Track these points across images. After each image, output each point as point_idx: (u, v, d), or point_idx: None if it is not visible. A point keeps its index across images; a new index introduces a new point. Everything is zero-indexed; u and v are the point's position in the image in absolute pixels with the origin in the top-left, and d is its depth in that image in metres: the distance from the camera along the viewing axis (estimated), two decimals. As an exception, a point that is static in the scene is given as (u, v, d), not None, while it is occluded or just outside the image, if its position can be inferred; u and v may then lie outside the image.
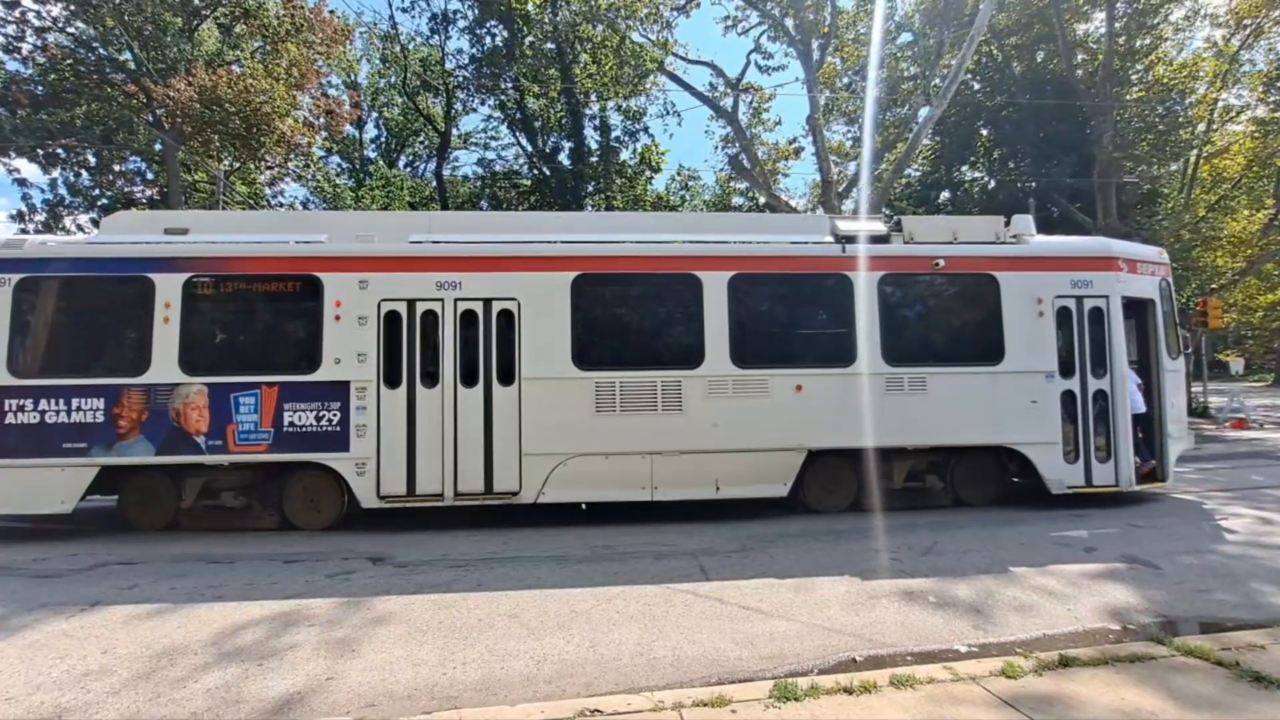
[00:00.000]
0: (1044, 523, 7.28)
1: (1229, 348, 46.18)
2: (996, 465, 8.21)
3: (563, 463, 7.42)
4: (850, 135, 29.88)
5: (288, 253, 7.56)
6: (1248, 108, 26.91)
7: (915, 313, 8.23)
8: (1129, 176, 22.55)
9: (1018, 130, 24.99)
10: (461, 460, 7.34)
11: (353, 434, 7.23)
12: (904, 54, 28.15)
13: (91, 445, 7.04)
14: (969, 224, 8.59)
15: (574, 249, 7.81)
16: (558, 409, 7.45)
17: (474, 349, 7.49)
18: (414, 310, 7.48)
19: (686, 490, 7.60)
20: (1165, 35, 23.84)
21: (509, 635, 4.30)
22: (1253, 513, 7.58)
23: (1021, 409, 7.90)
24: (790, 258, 7.98)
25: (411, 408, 7.35)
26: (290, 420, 7.18)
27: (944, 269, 8.04)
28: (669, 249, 7.92)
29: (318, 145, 35.37)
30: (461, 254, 7.66)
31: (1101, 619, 4.54)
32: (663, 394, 7.53)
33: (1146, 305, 8.46)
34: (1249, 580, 5.21)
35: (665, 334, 8.00)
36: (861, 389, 7.72)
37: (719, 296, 7.70)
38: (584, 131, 20.80)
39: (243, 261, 7.48)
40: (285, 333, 7.72)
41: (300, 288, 7.48)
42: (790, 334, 7.99)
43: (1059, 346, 8.05)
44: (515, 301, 7.55)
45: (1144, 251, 8.94)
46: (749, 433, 7.59)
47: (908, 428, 7.78)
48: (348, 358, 7.30)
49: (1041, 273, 8.16)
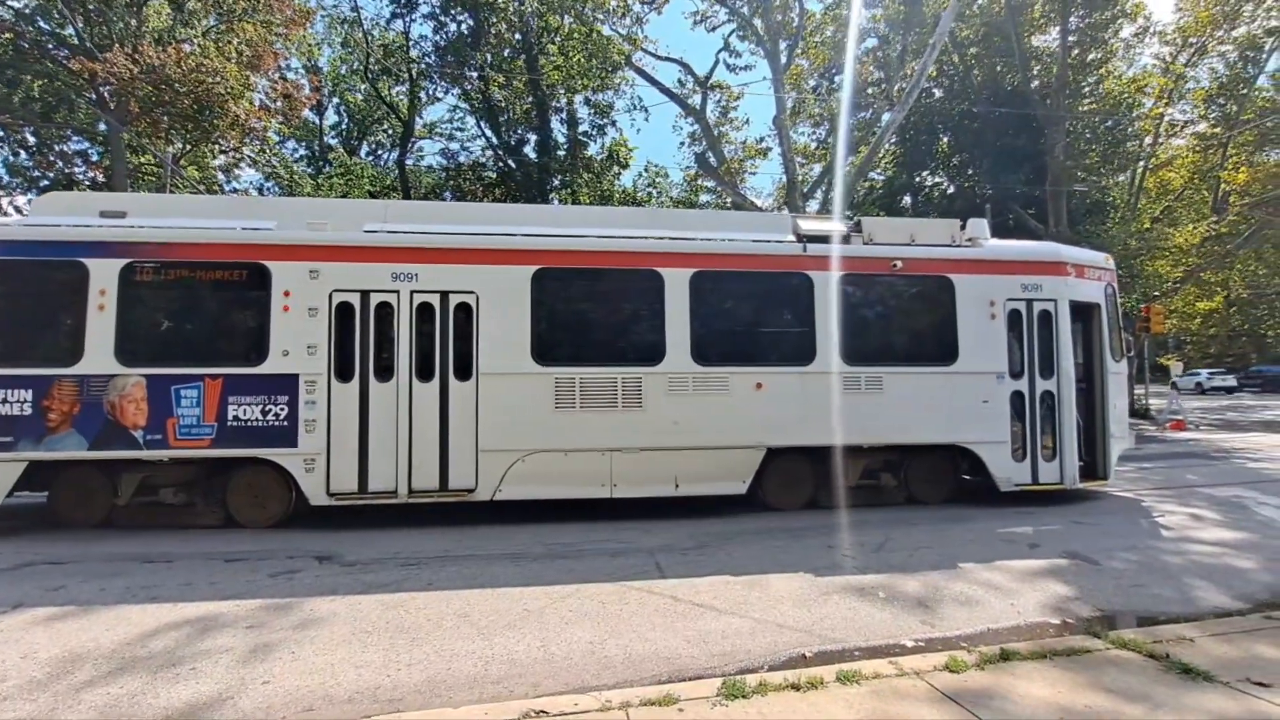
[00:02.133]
0: (992, 520, 7.47)
1: (1169, 352, 48.33)
2: (948, 464, 8.40)
3: (521, 459, 7.33)
4: (815, 137, 30.26)
5: (234, 239, 7.23)
6: (1191, 123, 28.22)
7: (873, 313, 8.33)
8: (1079, 186, 23.35)
9: (977, 138, 25.67)
10: (416, 457, 7.19)
11: (301, 429, 7.01)
12: (869, 59, 28.63)
13: (18, 439, 6.68)
14: (926, 226, 8.81)
15: (535, 242, 7.65)
16: (516, 405, 7.36)
17: (430, 342, 7.34)
18: (368, 302, 7.29)
19: (646, 488, 7.58)
20: (1116, 50, 24.74)
21: (458, 635, 4.20)
22: (1186, 510, 7.92)
23: (973, 409, 8.12)
24: (752, 256, 7.97)
25: (364, 402, 7.16)
26: (235, 414, 6.93)
27: (901, 270, 8.19)
28: (631, 244, 7.82)
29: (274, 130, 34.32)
30: (418, 244, 7.46)
31: (1043, 613, 4.66)
32: (623, 391, 7.50)
33: (1092, 309, 8.76)
34: (1182, 576, 5.43)
35: (626, 330, 7.97)
36: (820, 388, 7.83)
37: (681, 293, 7.70)
38: (550, 124, 20.57)
39: (185, 248, 7.13)
40: (230, 323, 7.41)
41: (247, 276, 7.19)
42: (751, 332, 8.04)
43: (1009, 348, 8.30)
44: (474, 295, 7.41)
45: (1091, 257, 9.25)
46: (709, 430, 7.61)
47: (865, 426, 7.89)
48: (297, 350, 7.08)
49: (994, 276, 8.39)
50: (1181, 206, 28.80)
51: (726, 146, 25.76)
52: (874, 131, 26.38)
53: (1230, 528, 7.00)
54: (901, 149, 28.28)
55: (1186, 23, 25.78)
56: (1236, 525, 7.10)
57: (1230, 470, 11.15)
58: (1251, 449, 13.99)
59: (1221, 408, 27.39)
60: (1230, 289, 41.90)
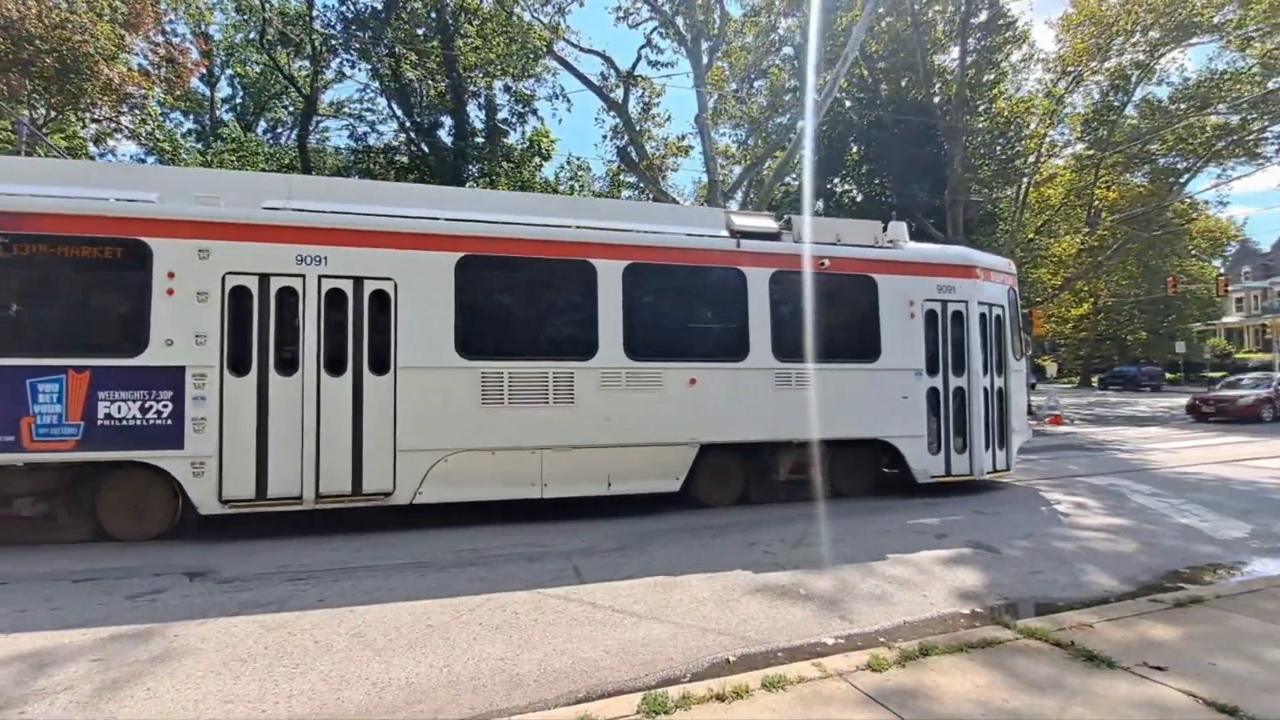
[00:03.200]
0: (903, 512, 7.71)
1: (1045, 354, 52.97)
2: (870, 458, 8.62)
3: (444, 459, 6.84)
4: (735, 138, 30.81)
5: (107, 211, 6.27)
6: (1069, 144, 30.89)
7: (803, 310, 8.25)
8: (975, 197, 25.01)
9: (883, 149, 26.96)
10: (325, 458, 6.54)
11: (188, 428, 6.23)
12: (784, 68, 29.44)
13: None
14: (851, 227, 8.98)
15: (460, 228, 7.15)
16: (439, 401, 6.86)
17: (342, 333, 6.69)
18: (268, 287, 6.55)
19: (578, 487, 7.30)
20: (1007, 73, 26.66)
21: (350, 659, 3.76)
22: (1071, 499, 8.49)
23: (894, 404, 8.40)
24: (686, 249, 7.84)
25: (263, 398, 6.45)
26: (107, 412, 6.05)
27: (829, 269, 8.28)
28: (563, 234, 7.49)
29: (157, 99, 31.21)
30: (329, 225, 6.76)
31: (954, 603, 4.76)
32: (554, 386, 7.18)
33: (997, 311, 9.28)
34: (1074, 561, 5.73)
35: (557, 323, 7.60)
36: (753, 384, 7.83)
37: (613, 286, 7.45)
38: (467, 109, 19.71)
39: (46, 219, 6.10)
40: (101, 308, 6.41)
41: (123, 254, 6.26)
42: (684, 327, 7.90)
43: (926, 346, 8.62)
44: (391, 282, 6.83)
45: (997, 262, 9.78)
46: (643, 427, 7.43)
47: (795, 422, 7.95)
48: (183, 339, 6.27)
49: (913, 277, 8.70)
50: (1060, 220, 31.50)
51: (649, 143, 25.71)
52: (791, 137, 27.13)
53: (1110, 514, 7.54)
54: (815, 155, 29.28)
55: (1066, 52, 28.15)
56: (1115, 512, 7.66)
57: (1105, 460, 12.16)
58: (1119, 441, 15.39)
59: (1090, 404, 30.17)
60: (1098, 296, 46.41)
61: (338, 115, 30.08)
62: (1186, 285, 41.51)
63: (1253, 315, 55.75)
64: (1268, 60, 23.29)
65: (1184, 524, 7.02)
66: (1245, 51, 24.80)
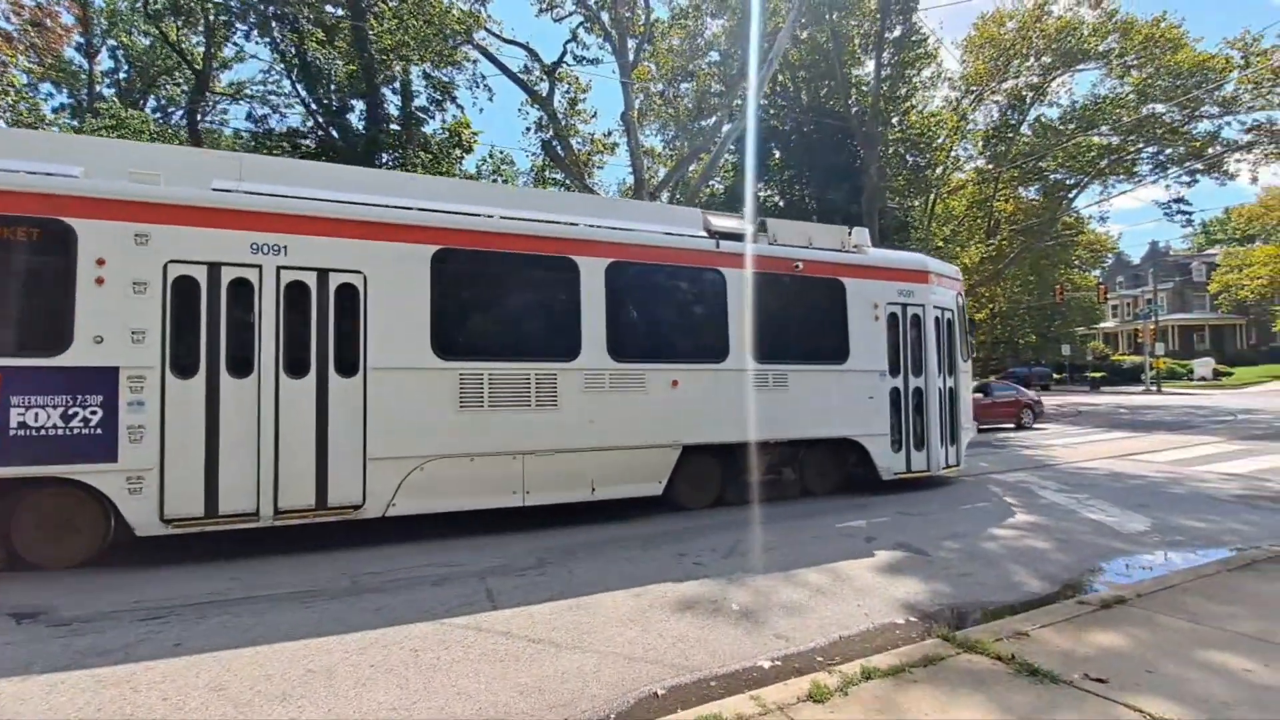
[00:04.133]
0: (833, 514, 7.62)
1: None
2: (838, 457, 8.82)
3: (419, 467, 6.34)
4: (663, 139, 30.78)
5: (18, 185, 5.35)
6: (971, 159, 32.82)
7: (779, 312, 8.26)
8: (891, 205, 26.01)
9: (804, 155, 27.62)
10: (285, 469, 5.88)
11: (123, 438, 5.43)
12: (710, 72, 29.67)
13: None
14: (820, 231, 9.13)
15: (438, 219, 6.64)
16: (414, 405, 6.35)
17: (304, 331, 6.04)
18: (218, 277, 5.82)
19: (560, 493, 7.01)
20: (918, 87, 27.94)
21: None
22: (988, 498, 8.71)
23: (862, 405, 8.62)
24: (667, 249, 7.69)
25: (213, 403, 5.72)
26: (20, 420, 5.17)
27: (802, 271, 8.40)
28: (546, 229, 7.10)
29: (20, 68, 27.80)
30: (289, 210, 6.08)
31: (889, 613, 4.58)
32: (537, 388, 6.85)
33: (948, 314, 9.69)
34: (1001, 562, 5.74)
35: (539, 322, 7.23)
36: (732, 385, 7.82)
37: (596, 284, 7.20)
38: (381, 93, 18.47)
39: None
40: (11, 298, 5.43)
41: (39, 236, 5.38)
42: (667, 328, 7.78)
43: (888, 348, 8.88)
44: (360, 275, 6.24)
45: (947, 268, 10.11)
46: (626, 429, 7.24)
47: (773, 423, 7.99)
48: (115, 336, 5.47)
49: (877, 281, 8.95)
50: (964, 231, 33.42)
51: (574, 139, 25.17)
52: (716, 140, 27.33)
53: (1026, 511, 7.73)
54: (739, 159, 29.66)
55: (969, 72, 29.90)
56: (1030, 509, 7.86)
57: (1011, 457, 12.72)
58: (1020, 439, 16.25)
59: (992, 403, 32.09)
60: (996, 303, 49.71)
61: (239, 98, 27.74)
62: (1072, 293, 45.08)
63: (1126, 321, 61.37)
64: (1144, 87, 25.50)
65: (1093, 519, 7.27)
66: (1124, 79, 27.10)
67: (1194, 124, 25.63)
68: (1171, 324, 51.70)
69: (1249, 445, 13.30)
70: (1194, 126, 25.71)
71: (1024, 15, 27.56)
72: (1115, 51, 26.06)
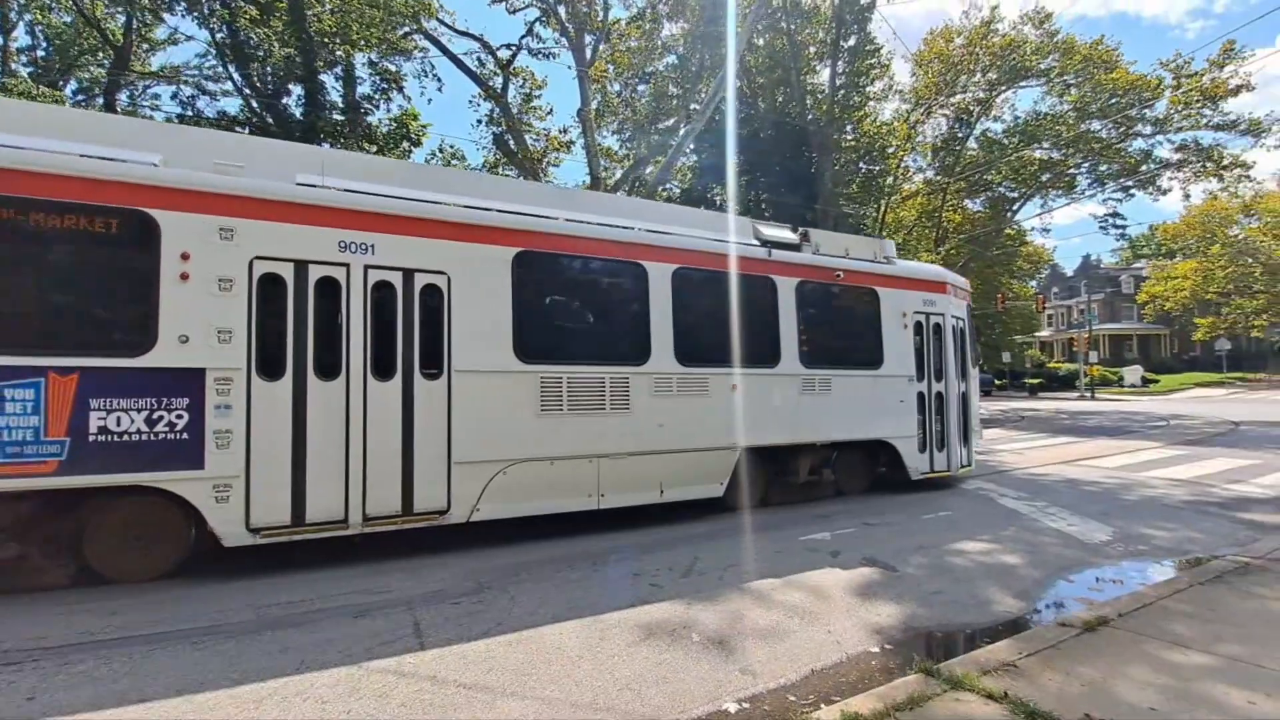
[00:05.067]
0: (795, 526, 7.27)
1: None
2: (869, 458, 9.23)
3: (502, 471, 6.27)
4: (620, 139, 30.38)
5: (100, 173, 4.94)
6: (921, 170, 33.60)
7: (823, 319, 8.66)
8: (847, 209, 26.23)
9: (761, 160, 27.64)
10: (372, 475, 5.68)
11: (210, 443, 5.13)
12: (668, 75, 29.44)
13: None
14: (855, 242, 9.62)
15: (517, 220, 6.61)
16: (497, 408, 6.28)
17: (390, 332, 5.88)
18: (305, 276, 5.58)
19: (632, 495, 7.07)
20: (870, 96, 28.36)
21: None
22: (950, 505, 8.52)
23: (894, 408, 9.06)
24: (725, 256, 7.88)
25: (300, 407, 5.47)
26: (101, 424, 4.80)
27: (843, 280, 8.78)
28: (617, 233, 7.20)
29: (-86, 40, 25.47)
30: (377, 209, 5.92)
31: (862, 639, 4.20)
32: (611, 392, 6.88)
33: (962, 323, 10.25)
34: (971, 578, 5.45)
35: (613, 326, 7.32)
36: (783, 389, 8.10)
37: (664, 290, 7.31)
38: (320, 78, 17.42)
39: (16, 177, 4.69)
40: (92, 293, 5.02)
41: (119, 228, 4.99)
42: (726, 333, 7.84)
43: (914, 354, 9.34)
44: (445, 276, 6.13)
45: (961, 280, 10.65)
46: (691, 433, 7.36)
47: (817, 425, 8.37)
48: (201, 335, 5.16)
49: (906, 290, 9.41)
50: (914, 240, 34.18)
51: (528, 134, 24.49)
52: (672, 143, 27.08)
53: (989, 521, 7.54)
54: (697, 163, 29.51)
55: (919, 86, 30.61)
56: (992, 519, 7.69)
57: (965, 464, 12.71)
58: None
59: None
60: (942, 311, 51.09)
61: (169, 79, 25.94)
62: (1012, 302, 46.77)
63: (1060, 330, 64.24)
64: (1081, 104, 26.51)
65: (1055, 529, 7.13)
66: (1063, 97, 28.16)
67: (1128, 142, 26.80)
68: (1103, 333, 54.30)
69: (1186, 450, 13.71)
70: (1129, 144, 26.88)
71: (972, 32, 28.37)
72: (1055, 70, 27.05)
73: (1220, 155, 25.52)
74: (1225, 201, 39.79)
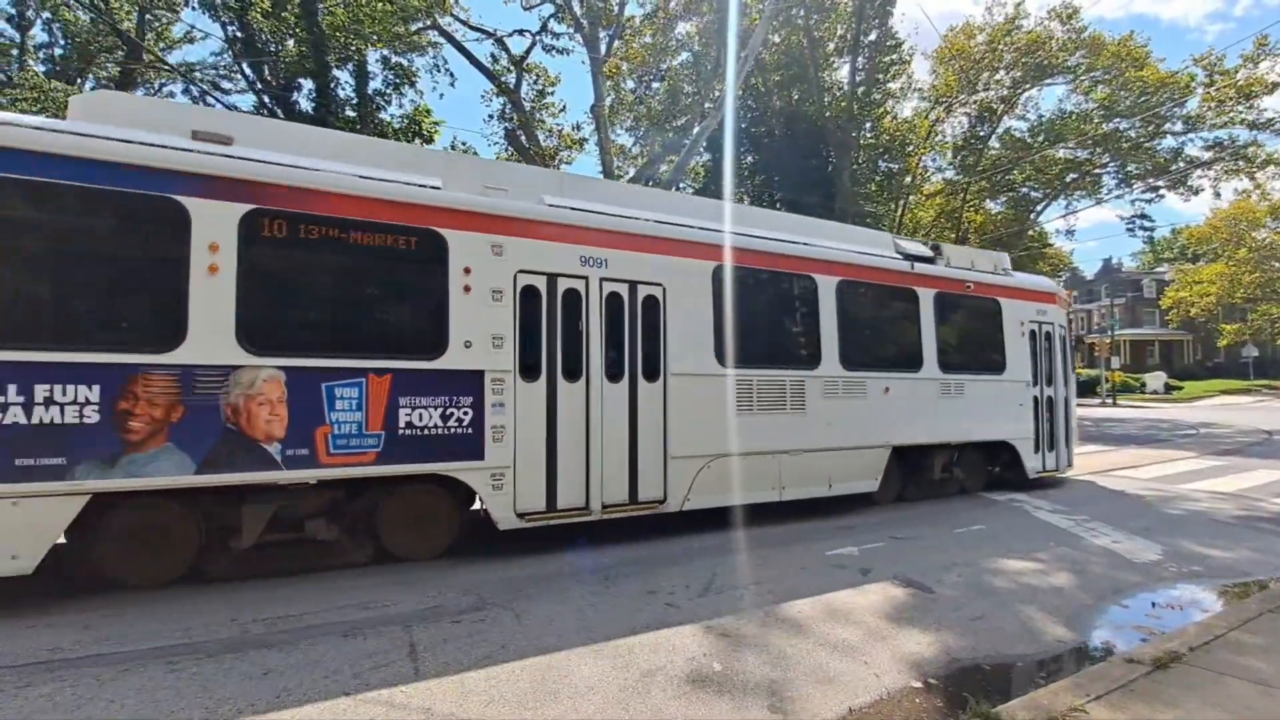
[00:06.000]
0: (817, 539, 6.85)
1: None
2: (986, 458, 9.79)
3: (707, 465, 6.94)
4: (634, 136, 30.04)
5: (401, 196, 5.60)
6: (941, 170, 32.93)
7: (956, 327, 9.34)
8: (867, 207, 25.66)
9: (777, 159, 27.14)
10: (607, 467, 6.37)
11: (488, 437, 5.78)
12: (683, 73, 29.03)
13: (75, 460, 4.41)
14: (979, 255, 10.23)
15: (713, 236, 7.25)
16: (702, 408, 6.96)
17: (619, 338, 6.55)
18: (555, 288, 6.27)
19: (806, 489, 7.69)
20: (891, 92, 27.77)
21: None
22: (979, 517, 8.07)
23: (1014, 411, 9.68)
24: (877, 269, 8.52)
25: (552, 405, 6.15)
26: (407, 419, 5.45)
27: (972, 292, 9.39)
28: (794, 249, 7.85)
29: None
30: (610, 227, 6.61)
31: (902, 672, 3.79)
32: (790, 394, 7.54)
33: (1064, 331, 10.80)
34: (1014, 601, 5.00)
35: (790, 334, 7.99)
36: (925, 392, 8.73)
37: (830, 300, 7.94)
38: (332, 73, 17.19)
39: (331, 199, 5.30)
40: (397, 303, 5.85)
41: (417, 245, 5.67)
42: (879, 340, 8.69)
43: (1030, 361, 9.91)
44: (660, 287, 6.81)
45: (1063, 292, 11.29)
46: (853, 432, 8.00)
47: (953, 426, 9.00)
48: (480, 341, 5.81)
49: (1023, 301, 9.99)
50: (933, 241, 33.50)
51: (540, 132, 24.17)
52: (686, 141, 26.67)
53: (1024, 536, 7.07)
54: (711, 160, 29.05)
55: (939, 84, 29.96)
56: (1028, 534, 7.22)
57: (991, 472, 12.18)
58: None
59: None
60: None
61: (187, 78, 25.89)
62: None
63: (1081, 334, 63.04)
64: (1109, 102, 25.77)
65: (1100, 546, 6.65)
66: (1089, 95, 27.42)
67: (1158, 140, 26.03)
68: (1124, 338, 53.18)
69: (1223, 461, 13.10)
70: (1158, 143, 26.11)
71: (994, 29, 27.70)
72: (1082, 67, 26.33)
73: (1255, 154, 24.69)
74: (1254, 204, 38.74)
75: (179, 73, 21.02)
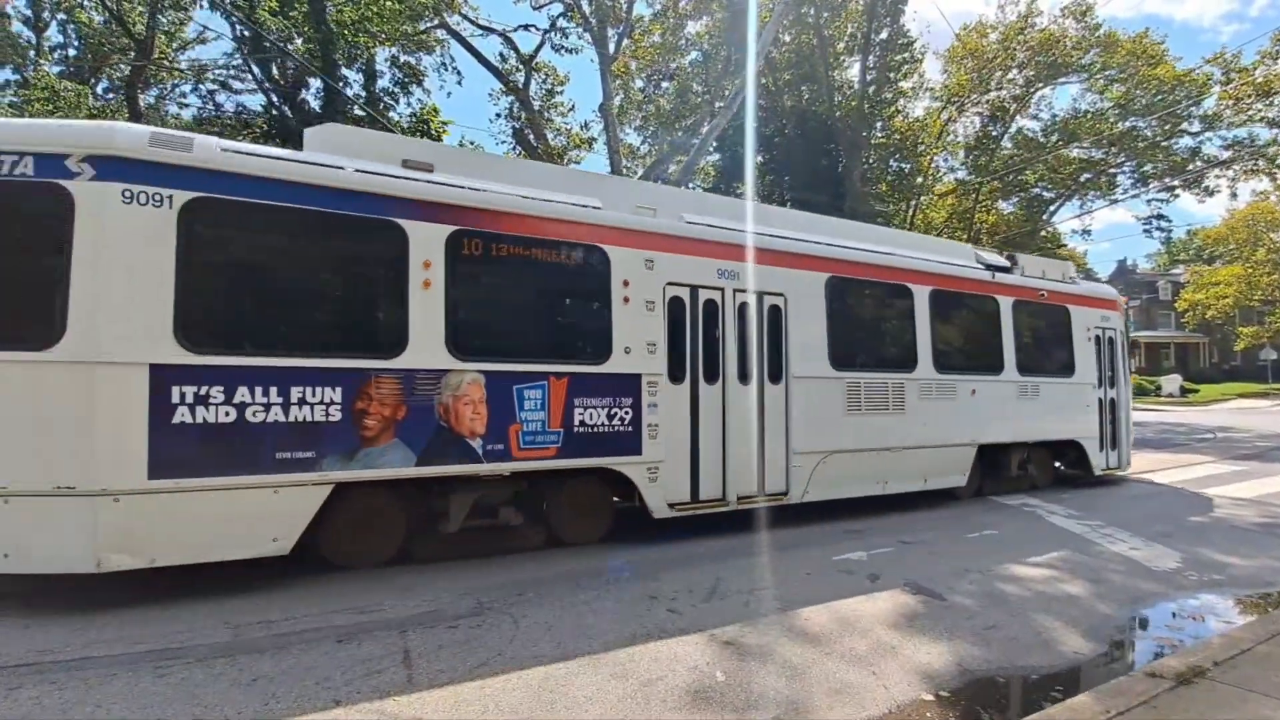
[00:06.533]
0: (823, 543, 6.71)
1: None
2: (1053, 456, 10.32)
3: (823, 460, 7.50)
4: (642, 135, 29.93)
5: (569, 215, 6.18)
6: (953, 170, 32.58)
7: (1031, 332, 9.78)
8: (880, 207, 25.39)
9: (786, 159, 26.95)
10: (739, 462, 6.97)
11: (645, 434, 6.37)
12: (692, 72, 28.87)
13: (322, 454, 4.97)
14: (1049, 265, 10.67)
15: (825, 250, 7.84)
16: (819, 407, 7.52)
17: (747, 344, 7.15)
18: (697, 298, 6.87)
19: (905, 483, 8.23)
20: (904, 90, 27.48)
21: None
22: (991, 521, 7.89)
23: (1082, 411, 10.19)
24: (964, 279, 9.06)
25: (695, 405, 6.76)
26: (581, 419, 6.05)
27: (1045, 299, 9.88)
28: (892, 260, 8.38)
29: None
30: (738, 241, 7.19)
31: (913, 684, 3.65)
32: (892, 395, 8.08)
33: (1123, 336, 11.27)
34: (1029, 610, 4.84)
35: (891, 339, 8.56)
36: (1005, 394, 9.24)
37: (924, 308, 8.48)
38: (340, 72, 17.19)
39: (517, 219, 5.90)
40: (571, 314, 6.58)
41: (583, 259, 6.27)
42: (965, 345, 9.17)
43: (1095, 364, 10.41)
44: (782, 298, 7.41)
45: (1120, 297, 11.74)
46: (945, 431, 8.54)
47: (1030, 425, 9.52)
48: (637, 347, 6.40)
49: (1088, 308, 10.49)
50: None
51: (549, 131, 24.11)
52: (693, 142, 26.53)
53: (1038, 542, 6.89)
54: (720, 163, 28.89)
55: (950, 83, 29.63)
56: (1042, 539, 7.04)
57: (1003, 476, 11.97)
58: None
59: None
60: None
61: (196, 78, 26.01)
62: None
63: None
64: (1125, 101, 25.38)
65: (1116, 552, 6.47)
66: (1104, 94, 27.03)
67: (1174, 140, 25.60)
68: (1140, 340, 52.46)
69: (1242, 466, 12.80)
70: (1174, 142, 25.68)
71: (1007, 27, 27.37)
72: (1097, 65, 25.95)
73: (1276, 153, 24.22)
74: (1273, 205, 38.09)
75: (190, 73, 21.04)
